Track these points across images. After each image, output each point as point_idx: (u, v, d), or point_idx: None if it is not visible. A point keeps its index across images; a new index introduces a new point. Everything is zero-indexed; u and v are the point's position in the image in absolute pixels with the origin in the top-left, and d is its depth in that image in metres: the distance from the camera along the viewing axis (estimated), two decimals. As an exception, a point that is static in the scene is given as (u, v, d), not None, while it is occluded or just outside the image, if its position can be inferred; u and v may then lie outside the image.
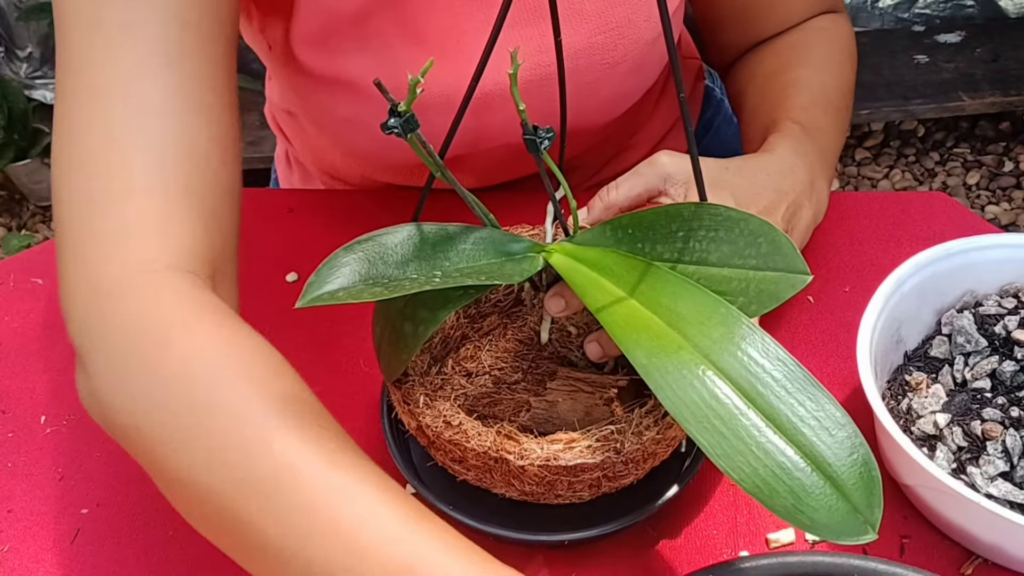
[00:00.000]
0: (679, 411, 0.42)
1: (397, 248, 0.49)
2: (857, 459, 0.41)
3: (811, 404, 0.42)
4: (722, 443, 0.41)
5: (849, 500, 0.40)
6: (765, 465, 0.41)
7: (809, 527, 0.40)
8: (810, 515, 0.40)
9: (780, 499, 0.40)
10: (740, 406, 0.42)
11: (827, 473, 0.41)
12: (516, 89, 0.45)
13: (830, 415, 0.42)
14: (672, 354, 0.44)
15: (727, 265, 0.47)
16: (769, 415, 0.42)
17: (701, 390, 0.42)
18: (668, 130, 0.90)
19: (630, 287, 0.47)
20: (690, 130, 0.46)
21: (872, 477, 0.41)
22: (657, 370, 0.43)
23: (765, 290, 0.46)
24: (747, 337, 0.44)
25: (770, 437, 0.41)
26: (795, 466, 0.41)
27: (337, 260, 0.48)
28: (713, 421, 0.42)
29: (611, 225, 0.51)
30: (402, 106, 0.44)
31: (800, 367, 0.43)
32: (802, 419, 0.42)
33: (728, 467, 0.41)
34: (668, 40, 0.43)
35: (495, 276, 0.49)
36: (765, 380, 0.43)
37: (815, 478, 0.41)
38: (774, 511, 0.40)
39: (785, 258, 0.46)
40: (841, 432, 0.42)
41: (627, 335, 0.45)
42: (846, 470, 0.41)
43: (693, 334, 0.44)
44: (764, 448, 0.41)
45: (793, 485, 0.40)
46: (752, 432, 0.41)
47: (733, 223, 0.47)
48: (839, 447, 0.41)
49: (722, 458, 0.41)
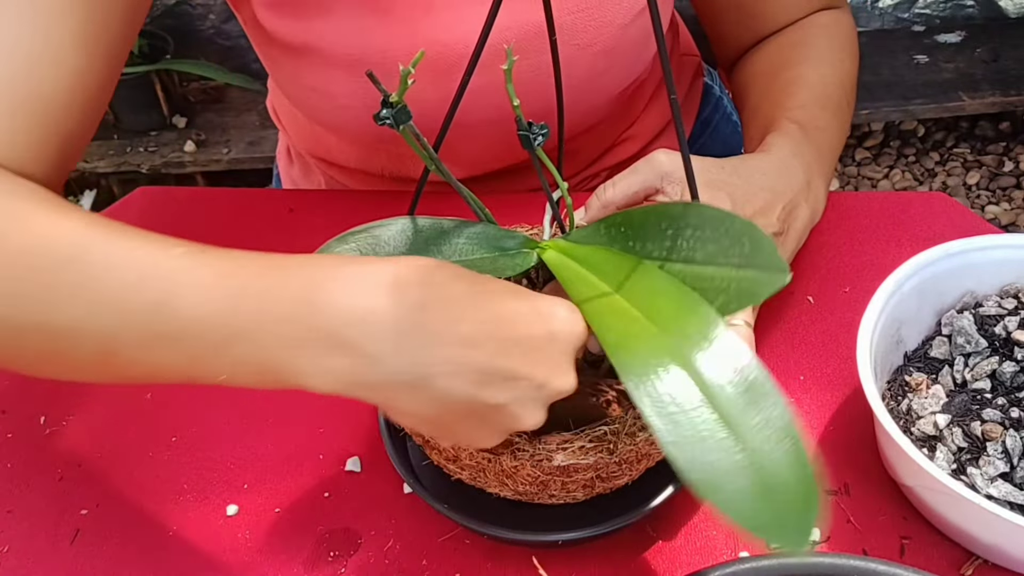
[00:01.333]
0: (638, 392, 0.43)
1: (390, 240, 0.49)
2: (800, 471, 0.41)
3: (767, 409, 0.42)
4: (675, 431, 0.41)
5: (787, 506, 0.40)
6: (712, 461, 0.41)
7: (747, 525, 0.40)
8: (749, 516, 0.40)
9: (722, 496, 0.40)
10: (696, 400, 0.42)
11: (767, 478, 0.41)
12: (511, 86, 0.45)
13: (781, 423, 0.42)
14: (644, 340, 0.44)
15: (712, 264, 0.47)
16: (723, 413, 0.42)
17: (664, 376, 0.43)
18: (665, 124, 0.90)
19: (617, 283, 0.48)
20: (681, 131, 0.46)
21: (811, 489, 0.41)
22: (625, 351, 0.44)
23: (745, 289, 0.46)
24: (720, 338, 0.44)
25: (720, 435, 0.41)
26: (739, 466, 0.41)
27: (329, 251, 0.48)
28: (671, 408, 0.42)
29: (605, 223, 0.51)
30: (394, 97, 0.44)
31: (763, 372, 0.43)
32: (755, 425, 0.42)
33: (676, 455, 0.41)
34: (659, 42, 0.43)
35: (487, 271, 0.49)
36: (726, 380, 0.43)
37: (757, 481, 0.41)
38: (715, 506, 0.40)
39: (766, 258, 0.46)
40: (787, 442, 0.42)
41: (603, 320, 0.46)
42: (787, 478, 0.41)
43: (669, 327, 0.45)
44: (714, 444, 0.41)
45: (738, 485, 0.40)
46: (706, 427, 0.42)
47: (718, 223, 0.47)
48: (784, 456, 0.41)
49: (672, 445, 0.41)
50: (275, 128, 0.97)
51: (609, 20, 0.70)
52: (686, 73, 0.94)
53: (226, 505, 0.61)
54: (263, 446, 0.65)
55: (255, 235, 0.80)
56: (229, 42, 1.91)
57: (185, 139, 1.85)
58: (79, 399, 0.68)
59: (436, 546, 0.58)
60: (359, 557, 0.58)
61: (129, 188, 1.15)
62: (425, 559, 0.58)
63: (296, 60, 0.71)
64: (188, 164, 1.83)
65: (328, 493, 0.62)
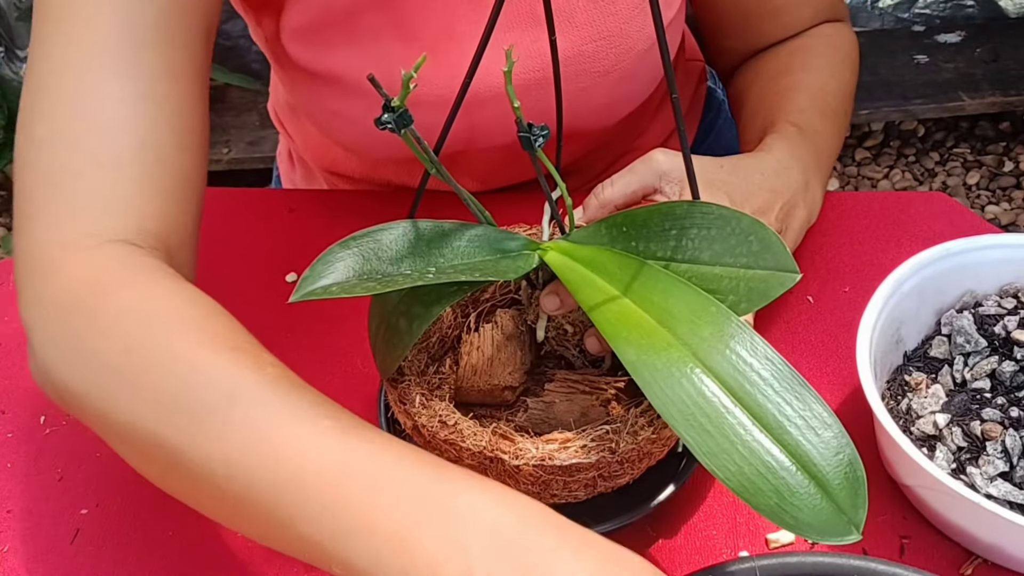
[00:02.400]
0: (667, 409, 0.42)
1: (392, 244, 0.49)
2: (843, 459, 0.41)
3: (798, 404, 0.42)
4: (708, 441, 0.41)
5: (834, 500, 0.40)
6: (751, 464, 0.41)
7: (793, 526, 0.40)
8: (794, 514, 0.40)
9: (764, 498, 0.40)
10: (727, 404, 0.42)
11: (812, 473, 0.41)
12: (511, 87, 0.45)
13: (817, 415, 0.42)
14: (661, 352, 0.44)
15: (719, 263, 0.47)
16: (756, 414, 0.42)
17: (689, 388, 0.42)
18: (668, 136, 0.90)
19: (623, 285, 0.47)
20: (683, 131, 0.46)
21: (857, 477, 0.41)
22: (646, 367, 0.43)
23: (755, 288, 0.46)
24: (736, 336, 0.44)
25: (756, 436, 0.41)
26: (780, 465, 0.41)
27: (332, 256, 0.48)
28: (700, 419, 0.42)
29: (606, 223, 0.51)
30: (395, 101, 0.44)
31: (788, 366, 0.43)
32: (788, 418, 0.42)
33: (714, 465, 0.41)
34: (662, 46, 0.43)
35: (489, 273, 0.49)
36: (753, 379, 0.43)
37: (800, 477, 0.41)
38: (758, 510, 0.40)
39: (775, 256, 0.46)
40: (827, 432, 0.42)
41: (618, 333, 0.45)
42: (831, 470, 0.41)
43: (683, 332, 0.44)
44: (750, 447, 0.41)
45: (778, 484, 0.40)
46: (738, 431, 0.41)
47: (725, 221, 0.47)
48: (825, 447, 0.41)
49: (708, 456, 0.41)
50: (275, 128, 0.97)
51: (629, 47, 0.70)
52: (691, 78, 0.94)
53: (226, 505, 0.61)
54: (263, 446, 0.65)
55: (255, 235, 0.80)
56: (229, 42, 1.91)
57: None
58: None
59: (436, 546, 0.58)
60: (359, 557, 0.58)
61: (129, 188, 1.14)
62: (425, 559, 0.58)
63: (319, 86, 0.71)
64: (188, 164, 1.83)
65: (328, 493, 0.62)
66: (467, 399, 0.57)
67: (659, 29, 0.42)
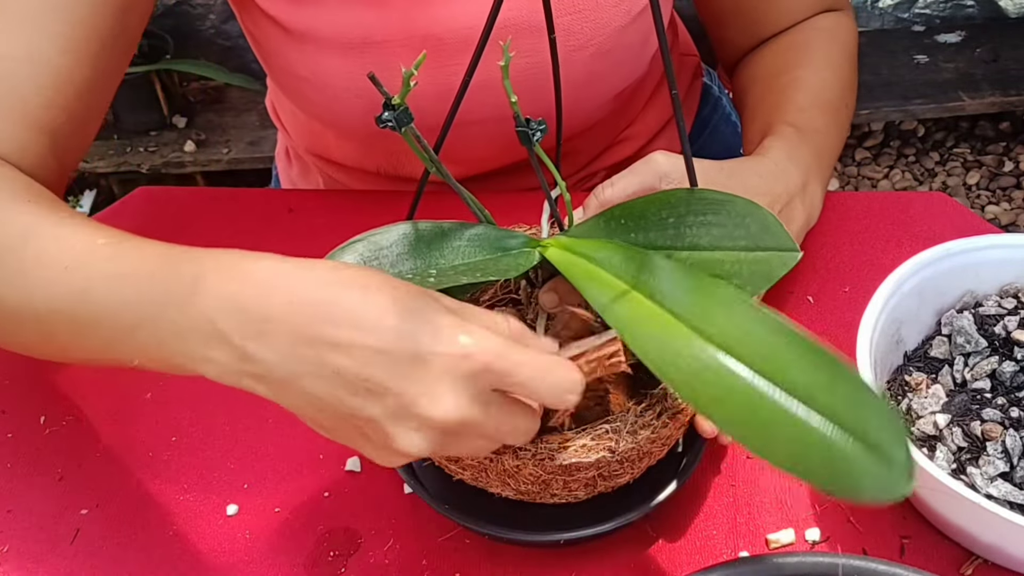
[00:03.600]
0: (699, 402, 0.41)
1: (392, 247, 0.49)
2: (880, 410, 0.39)
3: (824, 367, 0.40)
4: (749, 426, 0.39)
5: (882, 455, 0.38)
6: (794, 438, 0.39)
7: (850, 493, 0.38)
8: (848, 481, 0.38)
9: (816, 470, 0.38)
10: (761, 386, 0.40)
11: (855, 432, 0.38)
12: (508, 81, 0.44)
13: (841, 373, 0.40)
14: (684, 345, 0.42)
15: (718, 248, 0.46)
16: (788, 388, 0.40)
17: (720, 377, 0.40)
18: (663, 125, 0.90)
19: (630, 278, 0.46)
20: (682, 125, 0.46)
21: (897, 426, 0.38)
22: (671, 365, 0.42)
23: (758, 270, 0.45)
24: (752, 315, 0.42)
25: (795, 409, 0.39)
26: (825, 433, 0.38)
27: (333, 259, 0.48)
28: (737, 405, 0.40)
29: (604, 216, 0.51)
30: (396, 99, 0.44)
31: (803, 332, 0.41)
32: (818, 384, 0.39)
33: (757, 447, 0.39)
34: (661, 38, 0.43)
35: (490, 272, 0.49)
36: (778, 354, 0.40)
37: (846, 439, 0.38)
38: (812, 483, 0.39)
39: (774, 237, 0.45)
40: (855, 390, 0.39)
41: (636, 330, 0.43)
42: (873, 425, 0.38)
43: (699, 321, 0.42)
44: (792, 420, 0.39)
45: (826, 453, 0.38)
46: (778, 408, 0.39)
47: (720, 206, 0.47)
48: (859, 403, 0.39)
49: (750, 440, 0.39)
50: (275, 128, 0.97)
51: (606, 22, 0.70)
52: (685, 73, 0.94)
53: (226, 505, 0.61)
54: (263, 446, 0.65)
55: (255, 235, 0.80)
56: (229, 42, 1.91)
57: (185, 139, 1.85)
58: (79, 399, 0.68)
59: (436, 546, 0.58)
60: (359, 557, 0.58)
61: (129, 188, 1.15)
62: (425, 559, 0.58)
63: (290, 48, 0.71)
64: (188, 164, 1.83)
65: (328, 493, 0.62)
66: None
67: (659, 27, 0.42)
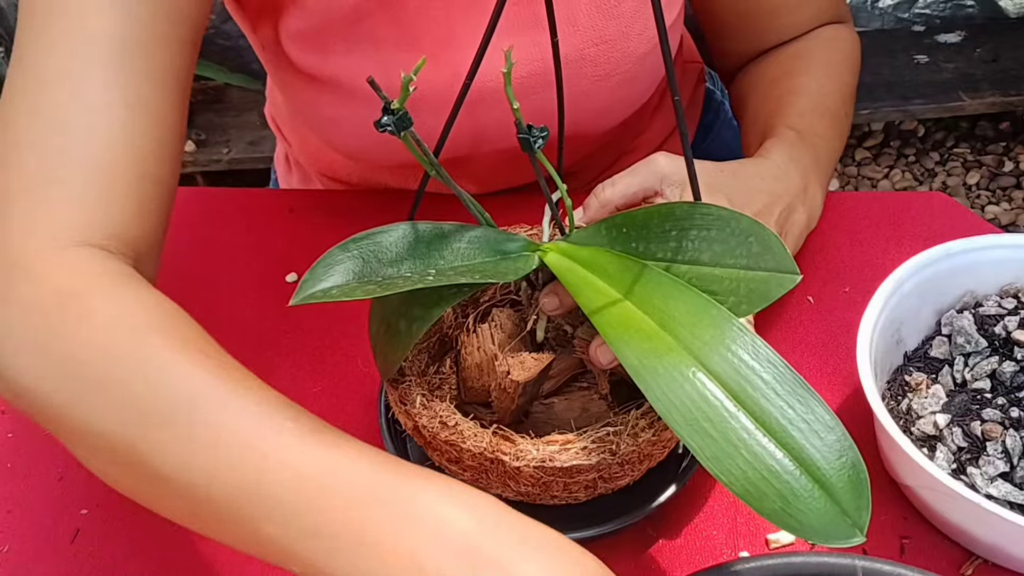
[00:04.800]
0: (669, 414, 0.42)
1: (392, 246, 0.49)
2: (846, 462, 0.41)
3: (800, 407, 0.42)
4: (712, 446, 0.41)
5: (838, 503, 0.40)
6: (755, 468, 0.41)
7: (797, 530, 0.40)
8: (799, 518, 0.40)
9: (769, 502, 0.40)
10: (730, 408, 0.42)
11: (816, 476, 0.41)
12: (510, 88, 0.44)
13: (819, 418, 0.42)
14: (663, 356, 0.44)
15: (719, 264, 0.47)
16: (759, 418, 0.42)
17: (691, 392, 0.42)
18: (667, 136, 0.90)
19: (624, 288, 0.47)
20: (685, 132, 0.46)
21: (860, 480, 0.41)
22: (648, 371, 0.43)
23: (755, 290, 0.46)
24: (737, 339, 0.44)
25: (759, 440, 0.41)
26: (784, 469, 0.41)
27: (332, 258, 0.48)
28: (703, 424, 0.42)
29: (606, 224, 0.51)
30: (395, 104, 0.44)
31: (790, 369, 0.43)
32: (791, 421, 0.42)
33: (718, 470, 0.41)
34: (664, 49, 0.43)
35: (489, 275, 0.49)
36: (755, 382, 0.42)
37: (804, 481, 0.41)
38: (762, 514, 0.40)
39: (775, 258, 0.45)
40: (830, 435, 0.42)
41: (619, 336, 0.45)
42: (835, 473, 0.41)
43: (684, 336, 0.44)
44: (753, 451, 0.41)
45: (782, 488, 0.40)
46: (742, 435, 0.41)
47: (724, 222, 0.47)
48: (828, 450, 0.41)
49: (712, 461, 0.41)
50: (274, 130, 0.97)
51: (630, 51, 0.70)
52: (689, 80, 0.94)
53: (226, 505, 0.61)
54: (263, 446, 0.65)
55: (255, 235, 0.80)
56: (229, 42, 1.91)
57: (185, 139, 1.85)
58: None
59: (436, 546, 0.58)
60: (359, 557, 0.58)
61: (129, 188, 1.15)
62: (425, 559, 0.58)
63: (318, 91, 0.71)
64: (188, 164, 1.83)
65: (328, 493, 0.62)
66: (474, 399, 0.57)
67: (661, 32, 0.42)
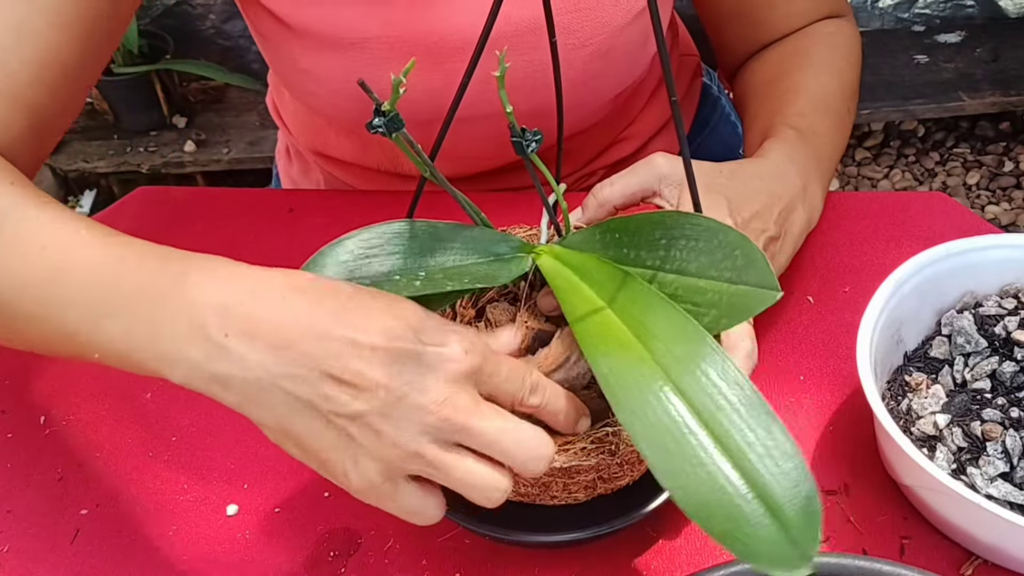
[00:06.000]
0: (631, 424, 0.42)
1: (384, 245, 0.49)
2: (800, 492, 0.40)
3: (762, 432, 0.42)
4: (668, 461, 0.41)
5: (787, 531, 0.40)
6: (708, 487, 0.40)
7: (743, 554, 0.39)
8: (745, 541, 0.39)
9: (718, 523, 0.40)
10: (691, 426, 0.42)
11: (768, 503, 0.40)
12: (504, 92, 0.44)
13: (779, 445, 0.41)
14: (634, 367, 0.44)
15: (704, 276, 0.46)
16: (719, 438, 0.41)
17: (656, 406, 0.42)
18: (663, 125, 0.90)
19: (608, 296, 0.47)
20: (683, 135, 0.46)
21: (813, 511, 0.40)
22: (617, 381, 0.43)
23: (736, 304, 0.45)
24: (708, 358, 0.43)
25: (716, 460, 0.41)
26: (737, 492, 0.40)
27: (325, 256, 0.48)
28: (663, 438, 0.41)
29: (600, 228, 0.51)
30: (386, 105, 0.44)
31: (756, 393, 0.43)
32: (751, 445, 0.41)
33: (672, 485, 0.40)
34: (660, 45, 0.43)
35: (480, 279, 0.49)
36: (720, 402, 0.42)
37: (755, 505, 0.40)
38: (710, 534, 0.40)
39: (758, 273, 0.45)
40: (788, 463, 0.41)
41: (595, 346, 0.45)
42: (788, 501, 0.40)
43: (658, 349, 0.44)
44: (708, 470, 0.41)
45: (732, 511, 0.40)
46: (699, 453, 0.41)
47: (712, 234, 0.47)
48: (784, 477, 0.41)
49: (667, 475, 0.41)
50: (275, 128, 0.97)
51: (606, 21, 0.70)
52: (685, 73, 0.94)
53: (226, 505, 0.61)
54: (263, 446, 0.65)
55: (255, 235, 0.80)
56: (229, 42, 1.91)
57: (185, 139, 1.85)
58: (79, 399, 0.68)
59: (436, 546, 0.58)
60: (359, 557, 0.58)
61: (129, 188, 1.14)
62: (425, 559, 0.58)
63: (292, 41, 0.71)
64: (188, 164, 1.83)
65: (328, 493, 0.62)
66: None
67: (658, 32, 0.42)
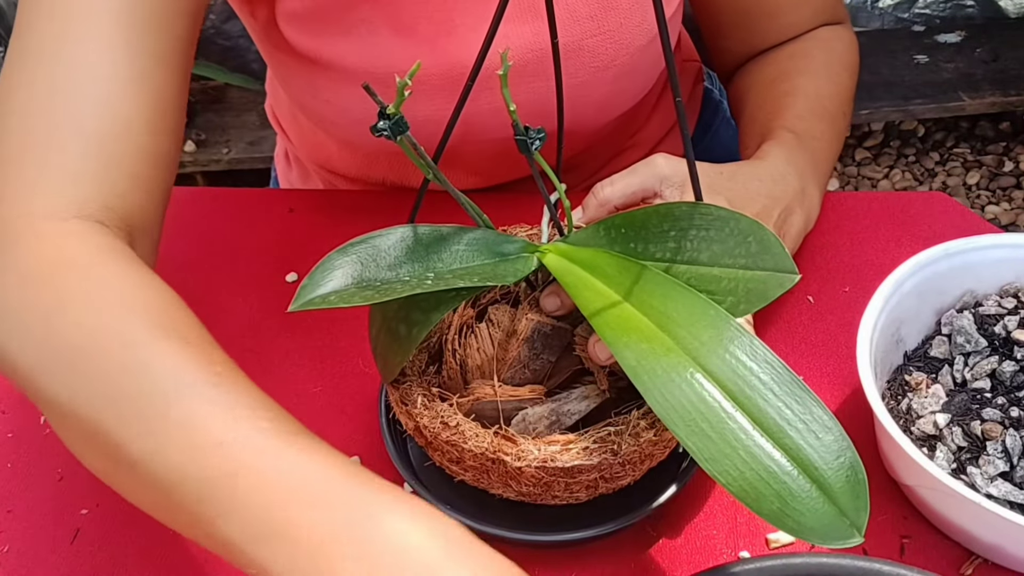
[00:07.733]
0: (667, 414, 0.42)
1: (390, 250, 0.49)
2: (844, 462, 0.41)
3: (798, 407, 0.42)
4: (710, 447, 0.41)
5: (836, 503, 0.40)
6: (752, 469, 0.41)
7: (796, 531, 0.40)
8: (797, 519, 0.40)
9: (767, 503, 0.40)
10: (728, 409, 0.42)
11: (814, 477, 0.41)
12: (507, 90, 0.44)
13: (817, 418, 0.42)
14: (661, 357, 0.44)
15: (718, 264, 0.47)
16: (756, 418, 0.42)
17: (689, 393, 0.42)
18: (667, 132, 0.90)
19: (623, 289, 0.47)
20: (686, 133, 0.46)
21: (859, 480, 0.41)
22: (646, 372, 0.43)
23: (754, 289, 0.46)
24: (735, 340, 0.44)
25: (757, 440, 0.41)
26: (782, 469, 0.41)
27: (331, 263, 0.48)
28: (701, 424, 0.42)
29: (604, 225, 0.51)
30: (391, 108, 0.44)
31: (787, 370, 0.43)
32: (789, 422, 0.42)
33: (716, 471, 0.41)
34: (665, 45, 0.43)
35: (488, 278, 0.49)
36: (752, 383, 0.42)
37: (802, 481, 0.41)
38: (761, 515, 0.40)
39: (774, 257, 0.45)
40: (828, 435, 0.42)
41: (617, 337, 0.45)
42: (833, 473, 0.41)
43: (683, 337, 0.44)
44: (751, 452, 0.41)
45: (780, 489, 0.40)
46: (739, 435, 0.41)
47: (723, 223, 0.47)
48: (826, 450, 0.41)
49: (710, 461, 0.41)
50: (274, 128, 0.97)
51: (628, 42, 0.70)
52: (687, 79, 0.94)
53: (226, 505, 0.61)
54: (263, 446, 0.65)
55: (255, 235, 0.80)
56: (229, 42, 1.91)
57: (185, 139, 1.85)
58: None
59: (436, 546, 0.58)
60: (359, 557, 0.58)
61: (129, 188, 1.15)
62: (425, 559, 0.58)
63: (313, 73, 0.71)
64: (188, 164, 1.83)
65: (328, 493, 0.62)
66: None
67: (662, 30, 0.42)
